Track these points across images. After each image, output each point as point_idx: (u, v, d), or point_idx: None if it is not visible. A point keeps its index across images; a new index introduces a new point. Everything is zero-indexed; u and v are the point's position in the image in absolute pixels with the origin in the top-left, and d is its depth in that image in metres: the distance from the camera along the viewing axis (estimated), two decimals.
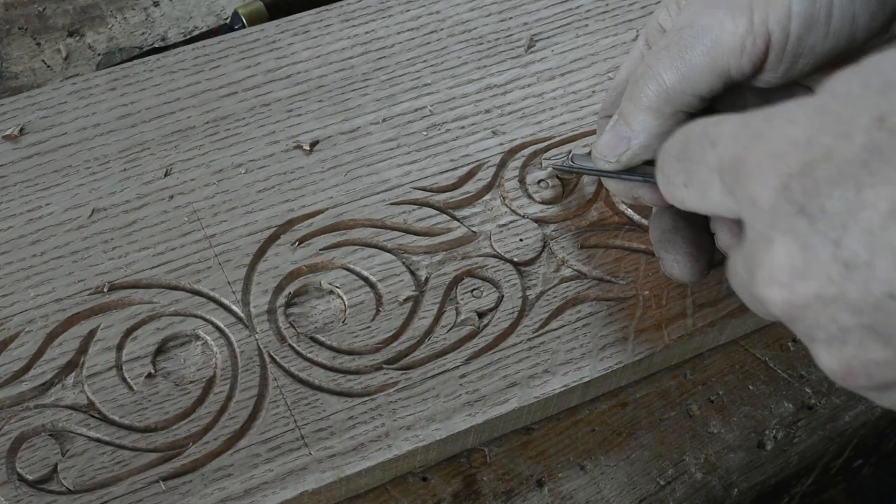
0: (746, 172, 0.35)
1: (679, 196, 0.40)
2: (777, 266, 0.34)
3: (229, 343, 0.51)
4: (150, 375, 0.50)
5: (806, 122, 0.34)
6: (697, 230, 0.49)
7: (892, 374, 0.33)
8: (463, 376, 0.51)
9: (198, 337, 0.52)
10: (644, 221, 0.57)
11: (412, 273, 0.54)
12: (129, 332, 0.51)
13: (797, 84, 0.48)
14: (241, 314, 0.52)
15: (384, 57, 0.62)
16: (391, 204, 0.56)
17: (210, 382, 0.50)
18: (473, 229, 0.56)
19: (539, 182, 0.58)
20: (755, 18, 0.43)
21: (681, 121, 0.47)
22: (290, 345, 0.51)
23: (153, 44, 0.70)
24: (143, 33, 0.70)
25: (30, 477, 0.47)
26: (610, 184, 0.53)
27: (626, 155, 0.49)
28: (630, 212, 0.57)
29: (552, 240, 0.56)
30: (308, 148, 0.58)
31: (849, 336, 0.33)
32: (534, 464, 0.52)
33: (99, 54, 0.69)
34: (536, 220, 0.56)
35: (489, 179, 0.58)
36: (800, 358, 0.57)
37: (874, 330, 0.32)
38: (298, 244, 0.54)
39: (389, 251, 0.55)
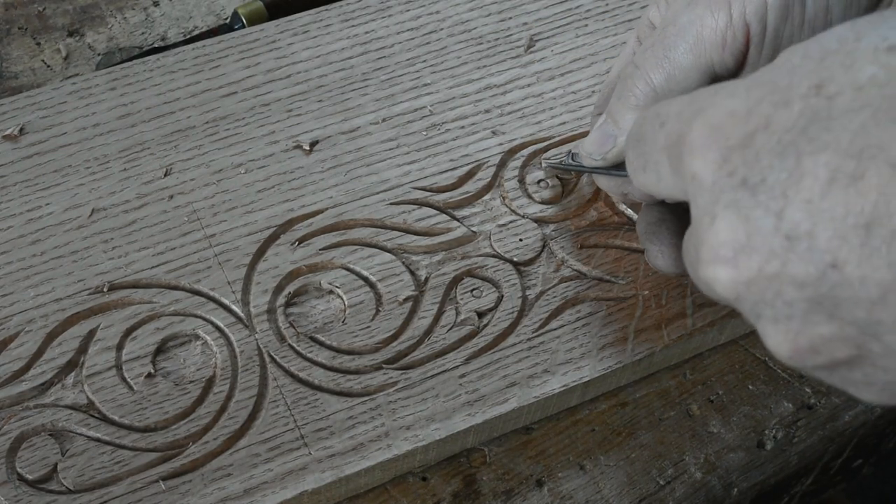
0: (687, 148, 0.35)
1: (641, 181, 0.40)
2: (720, 242, 0.33)
3: (229, 343, 0.51)
4: (149, 375, 0.50)
5: (745, 93, 0.34)
6: (683, 223, 0.48)
7: (840, 350, 0.33)
8: (463, 376, 0.51)
9: (197, 337, 0.52)
10: None
11: (412, 273, 0.54)
12: (128, 332, 0.51)
13: None
14: (241, 314, 0.52)
15: (384, 57, 0.62)
16: (391, 204, 0.56)
17: (210, 382, 0.50)
18: (473, 229, 0.56)
19: (539, 182, 0.58)
20: (733, 12, 0.44)
21: None
22: (289, 345, 0.51)
23: (153, 44, 0.70)
24: (143, 33, 0.70)
25: (30, 476, 0.47)
26: (601, 181, 0.53)
27: (612, 152, 0.49)
28: (630, 212, 0.57)
29: (552, 240, 0.56)
30: (308, 148, 0.58)
31: (794, 311, 0.33)
32: (534, 463, 0.52)
33: (99, 54, 0.69)
34: (536, 220, 0.56)
35: (489, 179, 0.58)
36: None
37: (819, 303, 0.32)
38: (298, 244, 0.54)
39: (389, 251, 0.55)
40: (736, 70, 0.45)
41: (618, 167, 0.50)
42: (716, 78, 0.45)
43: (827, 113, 0.31)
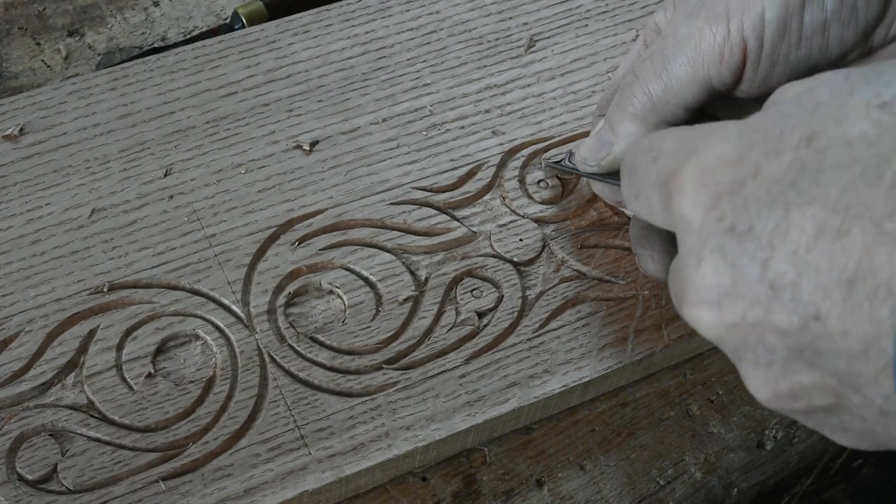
0: (678, 189, 0.35)
1: (633, 208, 0.40)
2: (705, 286, 0.34)
3: (229, 343, 0.51)
4: (150, 375, 0.50)
5: (737, 138, 0.34)
6: None
7: (819, 398, 0.33)
8: (463, 376, 0.51)
9: (198, 337, 0.52)
10: None
11: (412, 273, 0.54)
12: (129, 332, 0.51)
13: None
14: (241, 314, 0.52)
15: (384, 57, 0.62)
16: (391, 204, 0.56)
17: (210, 382, 0.50)
18: (473, 229, 0.56)
19: (539, 182, 0.58)
20: (731, 27, 0.44)
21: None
22: (289, 345, 0.51)
23: (153, 44, 0.70)
24: (143, 33, 0.70)
25: (30, 477, 0.47)
26: (596, 186, 0.54)
27: (606, 160, 0.49)
28: (630, 212, 0.57)
29: (552, 240, 0.56)
30: (308, 148, 0.58)
31: (775, 357, 0.33)
32: (534, 464, 0.52)
33: (99, 54, 0.69)
34: (536, 220, 0.56)
35: (489, 179, 0.58)
36: None
37: (800, 352, 0.32)
38: (298, 244, 0.54)
39: (389, 251, 0.55)
40: (733, 84, 0.45)
41: (612, 175, 0.50)
42: (713, 91, 0.46)
43: (816, 166, 0.32)
